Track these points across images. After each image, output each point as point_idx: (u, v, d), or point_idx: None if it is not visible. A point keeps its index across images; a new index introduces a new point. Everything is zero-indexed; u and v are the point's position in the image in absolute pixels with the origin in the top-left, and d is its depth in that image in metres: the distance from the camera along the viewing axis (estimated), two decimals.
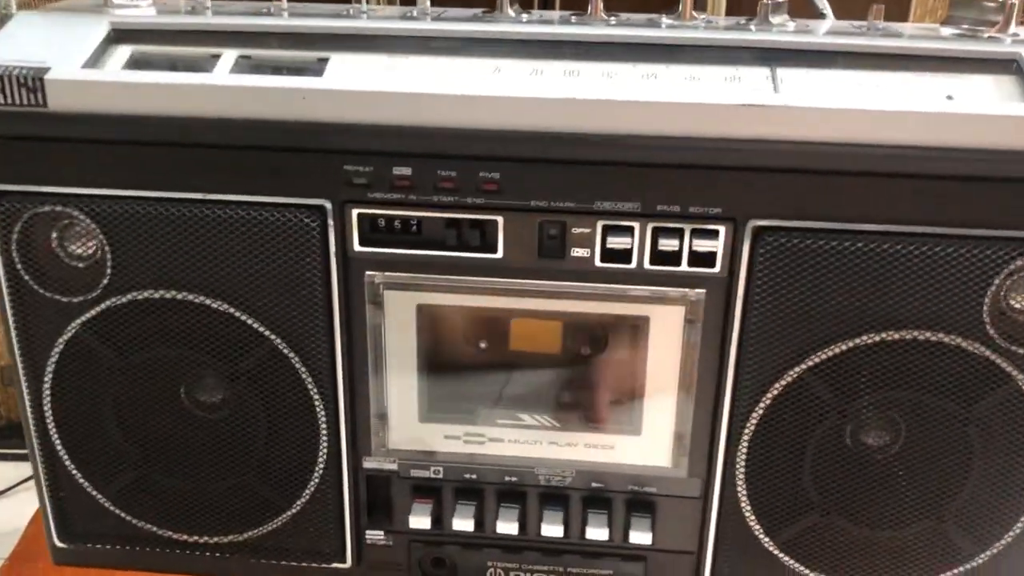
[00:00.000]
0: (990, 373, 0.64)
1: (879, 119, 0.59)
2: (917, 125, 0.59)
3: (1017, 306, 0.63)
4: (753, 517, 0.70)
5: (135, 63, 0.65)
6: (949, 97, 0.60)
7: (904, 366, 0.64)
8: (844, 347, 0.64)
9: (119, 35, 0.67)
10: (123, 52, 0.66)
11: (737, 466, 0.68)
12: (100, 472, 0.73)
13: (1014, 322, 0.63)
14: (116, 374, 0.70)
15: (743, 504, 0.69)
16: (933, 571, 0.70)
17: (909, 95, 0.61)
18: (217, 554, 0.75)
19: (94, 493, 0.74)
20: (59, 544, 0.77)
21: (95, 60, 0.64)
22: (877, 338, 0.63)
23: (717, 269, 0.63)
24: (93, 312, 0.67)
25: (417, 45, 0.66)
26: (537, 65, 0.63)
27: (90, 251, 0.67)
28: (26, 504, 1.09)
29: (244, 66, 0.64)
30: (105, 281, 0.66)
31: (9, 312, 0.68)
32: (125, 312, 0.67)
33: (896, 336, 0.63)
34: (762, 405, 0.66)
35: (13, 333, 0.69)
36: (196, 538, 0.75)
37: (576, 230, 0.63)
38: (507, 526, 0.72)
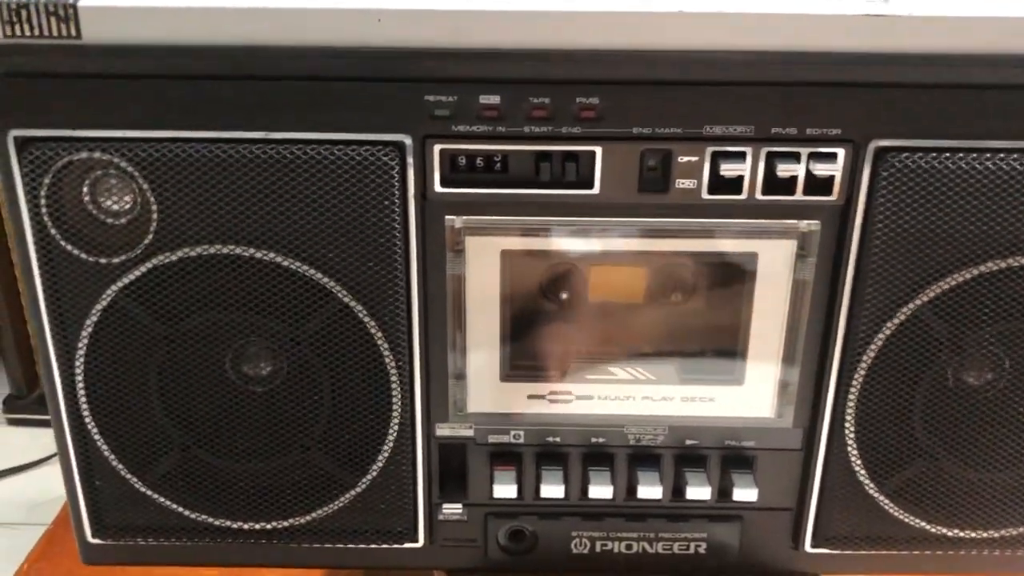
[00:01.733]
0: None
1: (1004, 26, 0.55)
2: None
3: None
4: (861, 466, 0.65)
5: None
6: None
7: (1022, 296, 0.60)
8: (966, 276, 0.60)
9: None
10: None
11: (847, 412, 0.64)
12: (140, 457, 0.66)
13: None
14: (161, 345, 0.62)
15: (851, 452, 0.65)
16: None
17: None
18: (275, 541, 0.68)
19: (133, 480, 0.66)
20: (92, 540, 0.69)
21: None
22: (1003, 264, 0.59)
23: (834, 196, 0.58)
24: (135, 274, 0.60)
25: None
26: None
27: (126, 206, 0.59)
28: None
29: None
30: (149, 238, 0.59)
31: (38, 278, 0.60)
32: (173, 273, 0.60)
33: (1017, 263, 0.59)
34: (875, 344, 0.62)
35: (42, 302, 0.61)
36: (251, 525, 0.67)
37: (683, 158, 0.58)
38: (599, 490, 0.66)
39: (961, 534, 0.68)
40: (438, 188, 0.58)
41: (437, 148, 0.57)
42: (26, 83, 0.56)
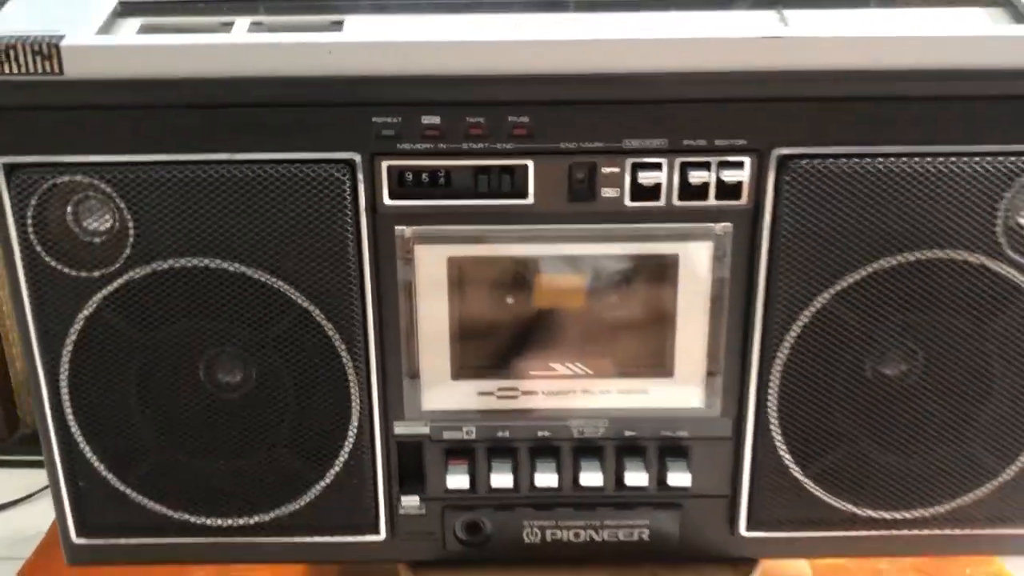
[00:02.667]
0: (1005, 289, 0.66)
1: (887, 45, 0.62)
2: (922, 49, 0.62)
3: None
4: (786, 451, 0.71)
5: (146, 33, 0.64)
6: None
7: (923, 287, 0.66)
8: (866, 271, 0.66)
9: (126, 8, 0.66)
10: (132, 24, 0.66)
11: (769, 400, 0.70)
12: (121, 458, 0.71)
13: None
14: (138, 352, 0.68)
15: (776, 438, 0.71)
16: (961, 490, 0.72)
17: (910, 24, 0.64)
18: (247, 537, 0.73)
19: (115, 481, 0.71)
20: (76, 541, 0.74)
21: (106, 31, 0.64)
22: (896, 260, 0.65)
23: (744, 200, 0.65)
24: (114, 286, 0.66)
25: (431, 6, 0.67)
26: (557, 17, 0.65)
27: (106, 225, 0.65)
28: (49, 510, 1.09)
29: (258, 32, 0.64)
30: (126, 253, 0.65)
31: (25, 292, 0.66)
32: (147, 284, 0.66)
33: (914, 257, 0.65)
34: (791, 336, 0.68)
35: (29, 315, 0.66)
36: (225, 521, 0.73)
37: (606, 170, 0.64)
38: (545, 478, 0.71)
39: (886, 515, 0.73)
40: (387, 201, 0.65)
41: (385, 164, 0.64)
42: (13, 114, 0.62)
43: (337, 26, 0.65)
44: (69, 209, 0.64)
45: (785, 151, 0.63)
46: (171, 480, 0.72)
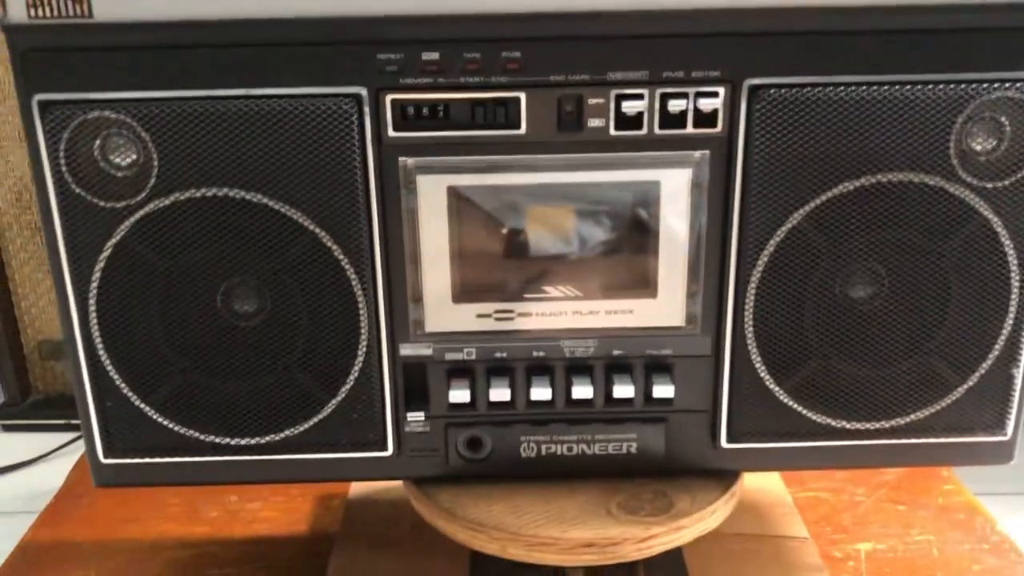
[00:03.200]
0: (960, 209, 0.72)
1: None
2: None
3: (978, 148, 0.72)
4: (763, 366, 0.77)
5: None
6: None
7: (885, 208, 0.72)
8: (832, 193, 0.71)
9: None
10: None
11: (745, 318, 0.75)
12: (145, 381, 0.76)
13: (977, 162, 0.72)
14: (162, 278, 0.73)
15: (752, 354, 0.76)
16: (924, 403, 0.78)
17: None
18: (263, 455, 0.79)
19: (139, 403, 0.77)
20: (104, 461, 0.79)
21: None
22: (860, 183, 0.71)
23: (719, 128, 0.71)
24: (139, 215, 0.71)
25: None
26: None
27: (131, 159, 0.71)
28: (65, 468, 1.16)
29: None
30: (151, 183, 0.71)
31: (57, 222, 0.71)
32: (169, 213, 0.71)
33: (875, 179, 0.71)
34: (764, 256, 0.73)
35: (61, 243, 0.72)
36: (242, 440, 0.78)
37: (592, 101, 0.70)
38: (540, 392, 0.77)
39: (856, 425, 0.79)
40: (391, 133, 0.70)
41: (389, 98, 0.69)
42: (47, 55, 0.68)
43: None
44: (97, 143, 0.70)
45: (755, 81, 0.69)
46: (192, 402, 0.77)
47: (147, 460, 0.79)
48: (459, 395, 0.77)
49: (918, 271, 0.74)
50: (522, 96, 0.70)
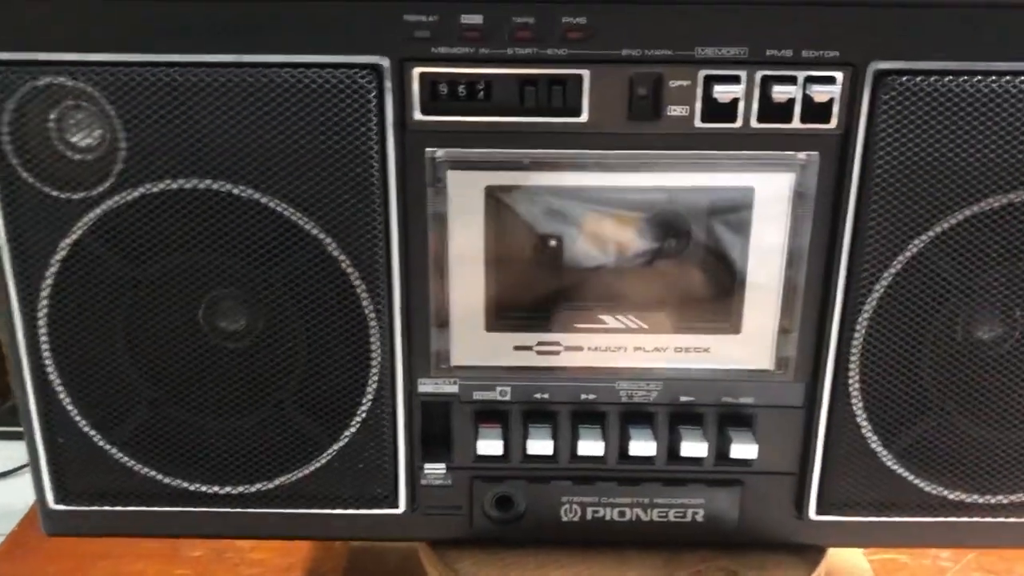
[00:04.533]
0: None
1: None
2: None
3: None
4: (867, 421, 0.62)
5: None
6: None
7: None
8: (971, 211, 0.57)
9: None
10: None
11: (851, 363, 0.61)
12: (106, 413, 0.63)
13: None
14: (127, 289, 0.60)
15: (855, 408, 0.62)
16: None
17: None
18: (248, 508, 0.65)
19: (98, 438, 0.63)
20: (54, 507, 0.65)
21: None
22: (1007, 199, 0.57)
23: (833, 124, 0.56)
24: (101, 209, 0.57)
25: None
26: None
27: (92, 140, 0.57)
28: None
29: None
30: (117, 170, 0.57)
31: (0, 216, 0.57)
32: (139, 209, 0.57)
33: None
34: (880, 286, 0.59)
35: (3, 240, 0.58)
36: (223, 489, 0.64)
37: (673, 83, 0.55)
38: (588, 446, 0.63)
39: (979, 499, 0.65)
40: (418, 116, 0.56)
41: (417, 71, 0.55)
42: None
43: None
44: (52, 117, 0.56)
45: (884, 65, 0.55)
46: (163, 440, 0.63)
47: (108, 508, 0.65)
48: (489, 445, 0.63)
49: None
50: (585, 74, 0.55)
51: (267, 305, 0.60)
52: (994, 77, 0.54)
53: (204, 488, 0.64)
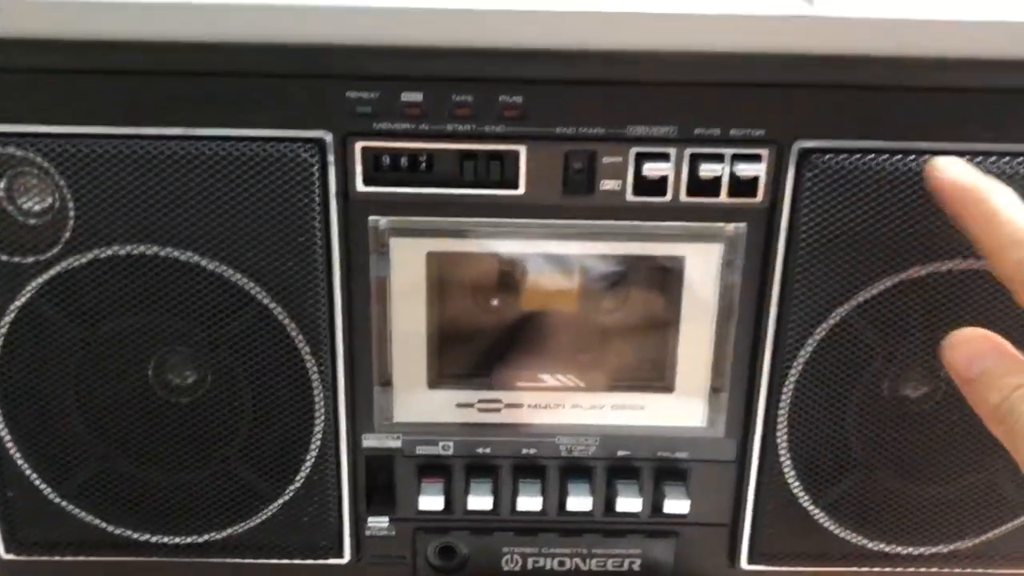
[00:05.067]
0: None
1: (926, 29, 0.55)
2: (967, 35, 0.55)
3: None
4: (795, 478, 0.64)
5: None
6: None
7: (954, 300, 0.60)
8: (893, 282, 0.59)
9: None
10: None
11: (779, 421, 0.63)
12: (57, 467, 0.64)
13: None
14: (77, 349, 0.61)
15: (784, 464, 0.64)
16: (985, 527, 0.66)
17: (954, 6, 0.57)
18: (196, 557, 0.66)
19: (48, 492, 0.64)
20: (5, 557, 0.66)
21: None
22: (926, 270, 0.59)
23: (759, 199, 0.58)
24: (50, 273, 0.58)
25: None
26: None
27: (44, 205, 0.58)
28: None
29: None
30: (66, 236, 0.58)
31: None
32: (88, 273, 0.59)
33: (947, 268, 0.59)
34: (806, 351, 0.61)
35: None
36: (172, 539, 0.65)
37: (606, 159, 0.57)
38: (528, 501, 0.65)
39: (900, 550, 0.67)
40: (360, 187, 0.58)
41: (359, 145, 0.57)
42: None
43: None
44: (2, 185, 0.57)
45: (808, 144, 0.57)
46: (112, 492, 0.65)
47: (59, 558, 0.66)
48: (431, 501, 0.65)
49: None
50: (522, 150, 0.57)
51: (214, 364, 0.61)
52: (912, 156, 0.57)
53: (153, 538, 0.65)
